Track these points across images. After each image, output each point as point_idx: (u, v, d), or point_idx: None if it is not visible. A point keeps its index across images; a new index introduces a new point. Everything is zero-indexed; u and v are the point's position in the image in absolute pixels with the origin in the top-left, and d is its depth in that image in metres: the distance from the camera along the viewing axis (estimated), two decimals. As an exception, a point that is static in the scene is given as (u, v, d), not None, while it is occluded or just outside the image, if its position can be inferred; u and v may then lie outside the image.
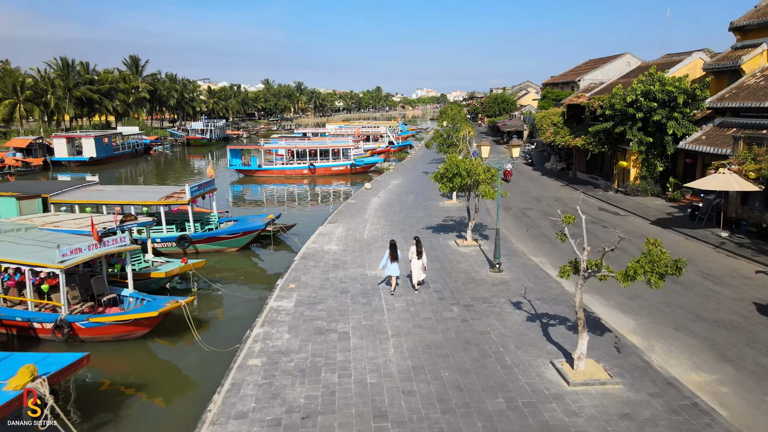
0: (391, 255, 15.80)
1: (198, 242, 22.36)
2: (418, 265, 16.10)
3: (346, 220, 26.88)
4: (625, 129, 30.82)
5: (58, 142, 56.90)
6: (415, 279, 16.33)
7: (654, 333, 13.64)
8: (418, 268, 16.15)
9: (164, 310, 13.76)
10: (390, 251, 15.86)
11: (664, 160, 31.33)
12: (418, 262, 16.08)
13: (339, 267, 19.18)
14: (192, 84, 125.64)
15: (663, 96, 29.26)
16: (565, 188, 37.11)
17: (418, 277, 16.28)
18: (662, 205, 28.85)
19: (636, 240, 22.39)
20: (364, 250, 21.29)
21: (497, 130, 79.93)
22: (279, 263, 22.24)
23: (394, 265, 15.86)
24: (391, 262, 15.82)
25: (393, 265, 15.86)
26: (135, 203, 21.46)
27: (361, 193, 35.75)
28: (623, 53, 63.89)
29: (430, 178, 21.84)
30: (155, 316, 13.75)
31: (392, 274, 16.05)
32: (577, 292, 11.15)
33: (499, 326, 13.86)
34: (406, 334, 13.43)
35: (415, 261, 16.09)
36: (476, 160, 20.62)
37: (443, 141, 40.90)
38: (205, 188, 23.21)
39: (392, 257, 15.78)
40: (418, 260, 16.06)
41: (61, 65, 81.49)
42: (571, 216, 11.30)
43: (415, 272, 16.25)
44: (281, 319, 14.55)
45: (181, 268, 17.37)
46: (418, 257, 16.05)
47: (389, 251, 15.88)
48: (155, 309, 13.72)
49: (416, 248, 16.07)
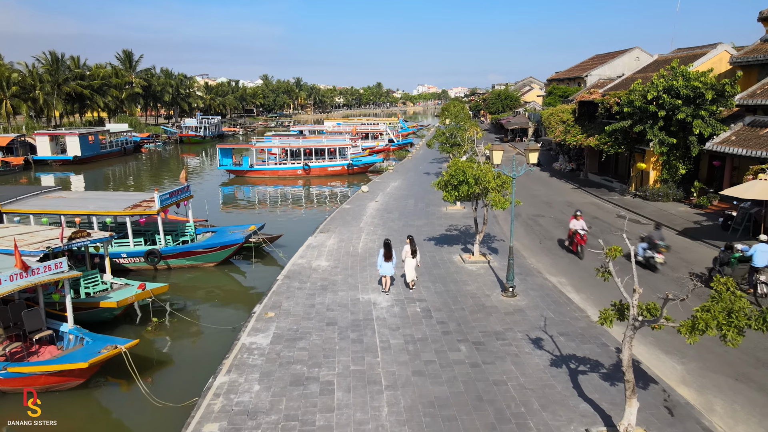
0: (386, 254, 15.74)
1: (169, 257, 19.79)
2: (412, 264, 16.15)
3: (339, 230, 24.32)
4: (644, 128, 28.21)
5: (41, 140, 54.21)
6: (409, 278, 16.28)
7: (709, 384, 11.08)
8: (412, 267, 16.18)
9: (95, 360, 11.17)
10: (384, 250, 15.77)
11: (687, 162, 28.70)
12: (412, 261, 16.11)
13: (327, 289, 16.62)
14: (188, 80, 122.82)
15: (687, 92, 26.62)
16: (577, 191, 34.49)
17: (412, 276, 16.27)
18: (687, 213, 26.23)
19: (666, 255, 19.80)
20: (357, 267, 18.73)
21: (501, 127, 77.25)
22: (261, 281, 19.72)
23: (388, 265, 15.81)
24: (386, 261, 15.75)
25: (387, 265, 15.81)
26: (97, 213, 18.91)
27: (358, 197, 33.15)
28: (632, 48, 61.24)
29: (433, 186, 19.27)
30: (84, 368, 11.11)
31: (386, 274, 15.98)
32: (625, 347, 8.59)
33: (517, 373, 11.31)
34: (404, 385, 10.89)
35: (409, 260, 16.12)
36: (486, 165, 18.03)
37: (446, 140, 38.27)
38: (179, 195, 20.61)
39: (386, 257, 15.72)
40: (412, 259, 16.09)
41: (50, 60, 78.78)
42: (617, 248, 8.70)
43: (408, 271, 16.23)
44: (253, 362, 12.01)
45: (137, 296, 14.79)
46: (413, 256, 16.06)
47: (383, 250, 15.78)
48: (85, 359, 11.09)
49: (410, 247, 16.09)
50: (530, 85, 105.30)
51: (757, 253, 15.14)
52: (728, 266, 16.04)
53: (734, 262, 16.02)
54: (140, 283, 15.29)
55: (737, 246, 16.29)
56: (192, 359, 14.38)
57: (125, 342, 11.73)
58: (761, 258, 15.07)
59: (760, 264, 15.11)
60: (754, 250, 15.25)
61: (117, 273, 19.40)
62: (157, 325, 15.51)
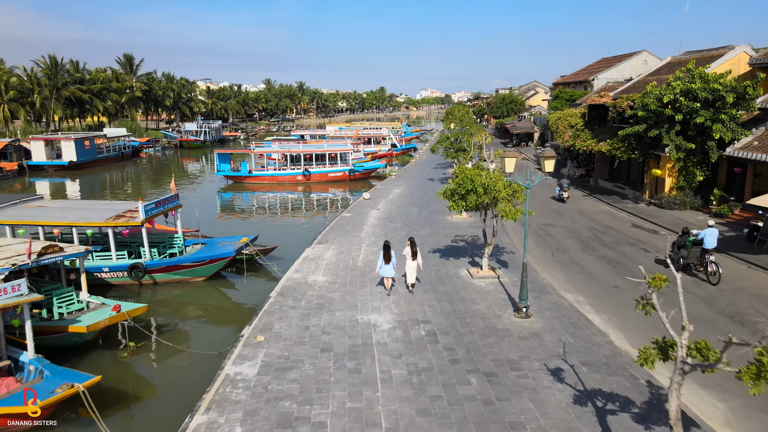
0: (385, 256, 15.72)
1: (155, 271, 18.42)
2: (413, 266, 15.98)
3: (338, 240, 22.94)
4: (660, 133, 26.80)
5: (36, 145, 53.01)
6: (410, 280, 16.13)
7: (759, 428, 9.63)
8: (413, 269, 16.01)
9: (46, 403, 9.76)
10: (383, 252, 15.78)
11: (705, 169, 27.27)
12: (413, 263, 15.95)
13: (324, 309, 15.23)
14: (190, 84, 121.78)
15: (706, 95, 25.23)
16: (587, 199, 33.05)
17: (412, 279, 16.12)
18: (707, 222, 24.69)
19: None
20: (356, 283, 17.34)
21: (505, 132, 75.84)
22: (253, 297, 18.37)
23: (388, 267, 15.76)
24: (385, 263, 15.72)
25: (387, 267, 15.77)
26: (77, 224, 17.59)
27: (359, 204, 31.78)
28: (639, 51, 60.09)
29: (438, 195, 17.89)
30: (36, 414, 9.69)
31: (387, 275, 15.94)
32: (672, 397, 7.18)
33: (536, 413, 9.89)
34: (408, 428, 9.49)
35: (410, 262, 15.95)
36: (496, 172, 16.67)
37: (450, 145, 36.88)
38: (167, 205, 19.25)
39: (386, 259, 15.70)
40: (412, 261, 15.93)
41: (49, 63, 77.72)
42: (662, 277, 7.29)
43: (409, 273, 16.05)
44: (236, 397, 10.62)
45: (110, 319, 13.40)
46: (413, 258, 15.91)
47: (383, 252, 15.79)
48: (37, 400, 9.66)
49: (411, 249, 15.96)
50: (535, 90, 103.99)
51: (707, 237, 17.18)
52: (684, 249, 17.90)
53: (689, 245, 17.76)
54: (115, 303, 13.88)
55: (692, 231, 18.13)
56: (170, 391, 12.92)
57: (85, 379, 10.34)
58: (711, 240, 17.17)
59: (709, 246, 17.18)
60: (705, 234, 17.27)
61: (99, 288, 18.15)
62: (135, 350, 14.07)
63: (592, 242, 22.43)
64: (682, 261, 17.85)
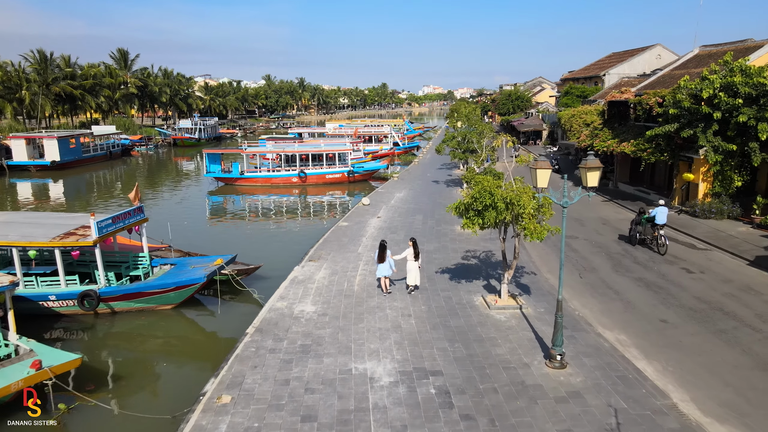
0: (379, 256, 15.39)
1: (111, 300, 15.54)
2: (415, 267, 15.49)
3: (332, 256, 20.06)
4: (695, 132, 23.84)
5: (16, 144, 50.07)
6: (411, 282, 15.60)
7: None
8: (415, 271, 15.53)
9: None
10: (379, 252, 15.50)
11: (744, 173, 24.32)
12: (414, 264, 15.44)
13: (310, 353, 12.36)
14: (187, 80, 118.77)
15: (749, 90, 22.28)
16: (608, 204, 30.10)
17: (414, 281, 15.62)
18: (751, 235, 21.79)
19: (740, 294, 15.61)
20: (351, 315, 14.45)
21: (512, 129, 72.81)
22: (228, 329, 15.56)
23: (383, 266, 15.38)
24: (379, 262, 15.38)
25: (382, 266, 15.39)
26: (17, 244, 14.72)
27: (357, 211, 28.86)
28: (653, 45, 57.24)
29: (449, 210, 14.97)
30: None
31: (383, 275, 15.52)
32: None
33: None
34: None
35: (412, 263, 15.43)
36: (523, 186, 13.76)
37: (457, 145, 33.94)
38: (128, 220, 16.31)
39: (380, 258, 15.36)
40: (414, 262, 15.44)
41: (39, 58, 74.87)
42: None
43: (410, 275, 15.53)
44: (180, 501, 7.76)
45: (26, 380, 10.46)
46: (416, 259, 15.45)
47: (378, 251, 15.51)
48: None
49: (413, 250, 15.44)
50: (541, 86, 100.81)
51: (658, 214, 19.93)
52: (640, 225, 20.81)
53: (644, 222, 20.64)
54: (34, 360, 10.91)
55: (648, 210, 20.83)
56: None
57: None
58: (661, 217, 19.94)
59: (660, 222, 19.98)
60: (656, 212, 20.01)
61: (46, 319, 15.31)
62: (66, 412, 11.11)
63: (624, 259, 19.53)
64: (639, 236, 20.88)
